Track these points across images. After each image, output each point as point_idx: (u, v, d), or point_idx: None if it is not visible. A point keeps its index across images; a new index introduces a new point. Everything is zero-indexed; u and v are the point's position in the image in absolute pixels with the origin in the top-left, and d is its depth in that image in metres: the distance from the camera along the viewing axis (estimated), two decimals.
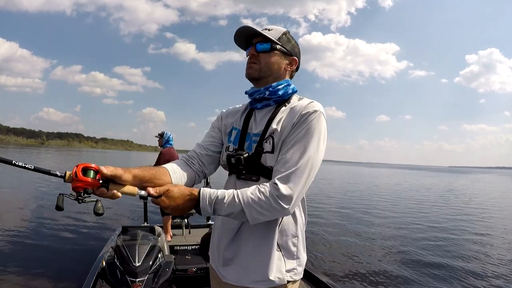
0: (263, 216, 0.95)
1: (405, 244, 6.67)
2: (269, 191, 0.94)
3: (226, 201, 0.95)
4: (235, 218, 0.98)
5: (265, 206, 0.93)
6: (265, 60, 1.11)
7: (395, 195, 17.45)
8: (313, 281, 2.61)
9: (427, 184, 29.28)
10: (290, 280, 1.05)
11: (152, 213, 5.75)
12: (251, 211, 0.94)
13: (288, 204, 0.94)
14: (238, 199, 0.95)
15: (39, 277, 4.04)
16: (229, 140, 1.18)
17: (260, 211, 0.94)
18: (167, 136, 4.66)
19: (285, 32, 1.15)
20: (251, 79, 1.15)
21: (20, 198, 10.00)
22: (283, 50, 1.12)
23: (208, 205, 0.95)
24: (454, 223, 9.50)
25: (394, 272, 4.97)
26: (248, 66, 1.13)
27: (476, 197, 18.72)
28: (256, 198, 0.94)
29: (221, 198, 0.95)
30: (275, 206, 0.93)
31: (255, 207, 0.93)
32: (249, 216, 0.94)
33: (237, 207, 0.94)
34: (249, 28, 1.11)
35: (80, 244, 5.56)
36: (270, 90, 1.11)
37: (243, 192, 0.96)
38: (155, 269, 2.65)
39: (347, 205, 12.33)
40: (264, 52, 1.11)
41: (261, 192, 0.94)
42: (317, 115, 1.02)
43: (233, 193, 0.96)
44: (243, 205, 0.94)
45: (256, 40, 1.12)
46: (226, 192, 0.97)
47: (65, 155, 51.91)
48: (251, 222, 0.96)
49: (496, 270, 5.29)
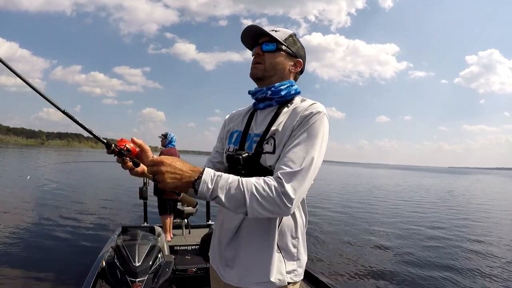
0: (263, 209, 0.89)
1: (405, 245, 6.67)
2: (274, 186, 0.90)
3: (229, 182, 0.90)
4: (234, 205, 0.91)
5: (268, 198, 0.89)
6: (270, 60, 1.11)
7: (395, 196, 17.46)
8: (314, 282, 2.61)
9: (427, 185, 29.29)
10: (291, 281, 1.05)
11: (152, 213, 5.75)
12: (252, 200, 0.89)
13: (290, 203, 0.90)
14: (241, 184, 0.90)
15: (39, 277, 4.04)
16: (230, 142, 1.18)
17: (261, 202, 0.89)
18: (170, 137, 4.78)
19: (292, 34, 1.15)
20: (255, 79, 1.15)
21: (20, 198, 9.99)
22: (289, 51, 1.13)
23: (209, 180, 0.89)
24: (453, 224, 9.50)
25: (394, 272, 4.97)
26: (253, 66, 1.13)
27: (476, 198, 18.72)
28: (260, 188, 0.90)
29: (225, 177, 0.91)
30: (278, 202, 0.89)
31: (257, 196, 0.89)
32: (249, 205, 0.89)
33: (238, 191, 0.89)
34: (257, 28, 1.12)
35: (80, 244, 5.55)
36: (272, 89, 1.11)
37: (247, 180, 0.92)
38: (155, 269, 2.65)
39: (347, 206, 12.34)
40: (270, 52, 1.11)
41: (266, 183, 0.90)
42: (320, 116, 1.01)
43: (237, 178, 0.92)
44: (245, 191, 0.89)
45: (262, 40, 1.13)
46: (230, 174, 0.93)
47: (64, 155, 51.91)
48: (250, 213, 0.90)
49: (496, 270, 5.29)
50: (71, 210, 8.49)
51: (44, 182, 14.27)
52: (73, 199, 10.21)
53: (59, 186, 13.45)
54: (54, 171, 20.56)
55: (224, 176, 0.92)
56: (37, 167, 23.22)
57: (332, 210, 11.00)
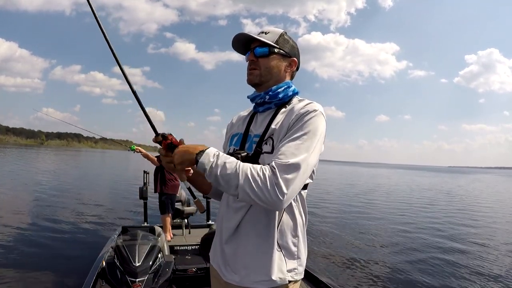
0: (254, 195, 0.90)
1: (405, 245, 6.67)
2: (269, 175, 0.91)
3: (228, 161, 0.94)
4: (227, 184, 0.93)
5: (260, 185, 0.90)
6: (265, 65, 1.12)
7: (395, 195, 17.49)
8: (313, 281, 2.61)
9: (427, 184, 29.30)
10: (292, 280, 1.06)
11: (152, 213, 5.75)
12: (245, 183, 0.90)
13: (282, 196, 0.89)
14: (238, 166, 0.94)
15: (39, 277, 4.04)
16: (230, 144, 1.20)
17: (253, 187, 0.90)
18: None
19: (282, 33, 1.15)
20: (253, 85, 1.16)
21: (19, 198, 9.99)
22: (282, 52, 1.13)
23: (212, 154, 0.96)
24: (453, 223, 9.52)
25: (394, 272, 4.98)
26: (249, 72, 1.14)
27: (475, 198, 18.74)
28: (255, 173, 0.92)
29: (226, 156, 0.97)
30: (270, 191, 0.89)
31: (250, 180, 0.90)
32: (241, 187, 0.91)
33: (234, 172, 0.92)
34: (245, 35, 1.12)
35: (80, 244, 5.55)
36: (270, 94, 1.12)
37: (244, 163, 0.95)
38: (155, 269, 2.65)
39: (347, 205, 12.35)
40: (263, 56, 1.11)
41: (262, 170, 0.92)
42: (317, 113, 1.02)
43: (236, 160, 0.96)
44: (240, 173, 0.91)
45: (254, 45, 1.13)
46: (231, 156, 0.98)
47: (62, 155, 51.90)
48: (240, 195, 0.92)
49: (495, 270, 5.30)
50: (71, 210, 8.48)
51: (44, 182, 14.26)
52: (73, 199, 10.20)
53: (59, 186, 13.44)
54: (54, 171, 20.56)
55: (225, 155, 0.97)
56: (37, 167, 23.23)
57: (331, 209, 11.00)
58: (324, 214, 9.92)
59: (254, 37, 1.11)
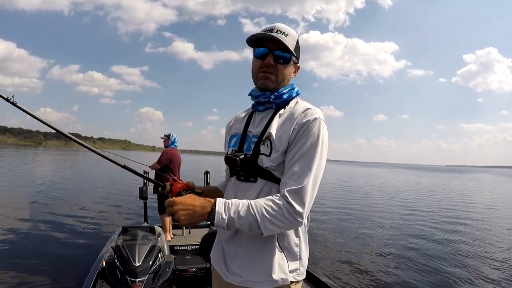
0: (276, 227, 0.95)
1: (405, 245, 6.69)
2: (284, 205, 0.94)
3: (241, 208, 0.94)
4: (248, 229, 0.95)
5: (279, 218, 0.93)
6: (283, 72, 1.10)
7: (395, 195, 17.52)
8: (314, 282, 2.62)
9: (426, 184, 29.37)
10: (294, 280, 1.06)
11: (152, 213, 5.74)
12: (265, 222, 0.93)
13: (301, 218, 0.95)
14: (251, 208, 0.94)
15: (39, 277, 4.04)
16: (229, 145, 1.19)
17: (273, 222, 0.93)
18: (173, 138, 4.92)
19: (298, 38, 1.13)
20: (265, 90, 1.11)
21: (19, 198, 9.96)
22: (295, 60, 1.13)
23: (223, 211, 0.94)
24: (453, 223, 9.56)
25: (395, 272, 4.99)
26: (263, 76, 1.09)
27: (474, 197, 18.80)
28: (270, 209, 0.93)
29: (236, 204, 0.95)
30: (290, 219, 0.94)
31: (268, 217, 0.93)
32: (262, 226, 0.93)
33: (250, 216, 0.93)
34: (275, 38, 1.04)
35: (80, 244, 5.55)
36: (275, 94, 1.10)
37: (256, 202, 0.95)
38: (155, 269, 2.65)
39: (347, 205, 12.36)
40: (283, 63, 1.09)
41: (276, 203, 0.94)
42: (318, 122, 1.01)
43: (247, 202, 0.96)
44: (257, 215, 0.93)
45: (273, 47, 1.07)
46: (239, 200, 0.97)
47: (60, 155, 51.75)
48: (265, 233, 0.95)
49: (495, 270, 5.32)
50: (71, 210, 8.47)
51: (44, 182, 14.23)
52: (73, 199, 10.19)
53: (59, 186, 13.41)
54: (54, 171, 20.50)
55: (235, 203, 0.96)
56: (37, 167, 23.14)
57: (330, 209, 11.01)
58: (324, 214, 9.93)
59: (287, 46, 1.05)
